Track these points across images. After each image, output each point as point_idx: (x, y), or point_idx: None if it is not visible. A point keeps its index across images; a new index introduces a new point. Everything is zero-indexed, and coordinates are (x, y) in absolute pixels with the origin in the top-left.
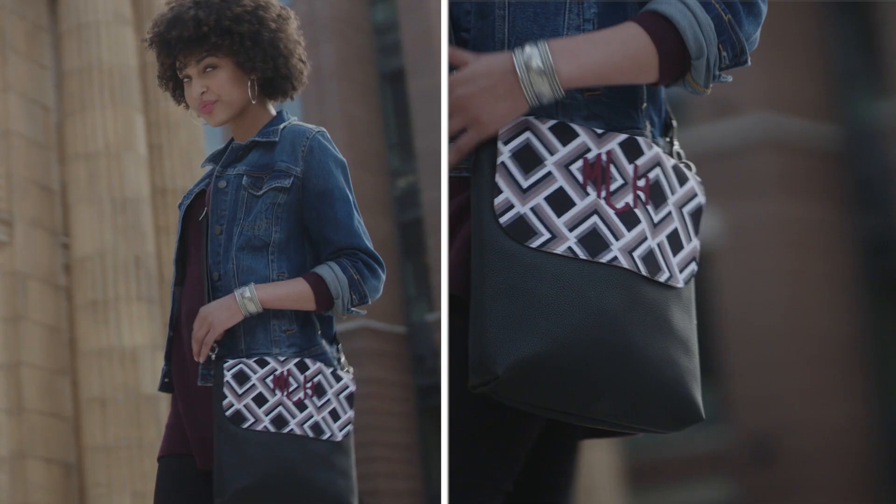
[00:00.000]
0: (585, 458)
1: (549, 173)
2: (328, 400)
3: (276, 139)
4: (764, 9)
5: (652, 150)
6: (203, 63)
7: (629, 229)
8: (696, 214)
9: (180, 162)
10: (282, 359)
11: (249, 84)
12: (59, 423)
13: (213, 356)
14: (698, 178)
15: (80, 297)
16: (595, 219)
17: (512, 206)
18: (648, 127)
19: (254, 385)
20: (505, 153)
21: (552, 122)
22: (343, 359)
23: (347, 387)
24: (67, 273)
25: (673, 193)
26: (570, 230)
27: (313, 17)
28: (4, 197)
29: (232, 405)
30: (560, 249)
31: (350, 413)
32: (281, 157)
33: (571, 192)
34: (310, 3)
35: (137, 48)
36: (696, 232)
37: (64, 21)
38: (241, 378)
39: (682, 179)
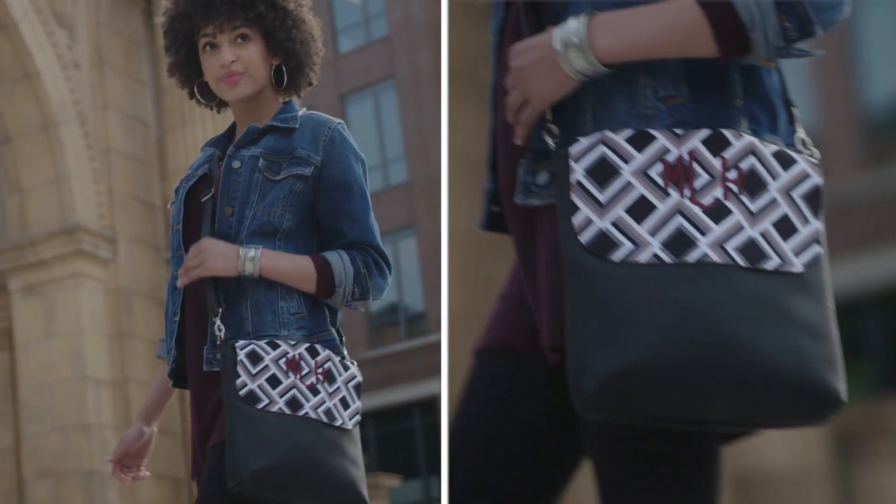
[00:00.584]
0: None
1: (628, 183)
2: (338, 387)
3: (296, 126)
4: None
5: (742, 141)
6: (236, 32)
7: (719, 223)
8: (812, 196)
9: None
10: (292, 342)
11: (273, 69)
12: (167, 439)
13: (222, 335)
14: (813, 160)
15: None
16: (679, 219)
17: (591, 223)
18: (745, 124)
19: (267, 366)
20: (578, 171)
21: (628, 132)
22: (345, 352)
23: (355, 376)
24: None
25: (775, 179)
26: (653, 235)
27: (409, 23)
28: (107, 214)
29: (245, 384)
30: (644, 258)
31: (358, 403)
32: (301, 144)
33: (652, 197)
34: (406, 9)
35: None
36: (815, 214)
37: (161, 36)
38: (255, 358)
39: (788, 163)
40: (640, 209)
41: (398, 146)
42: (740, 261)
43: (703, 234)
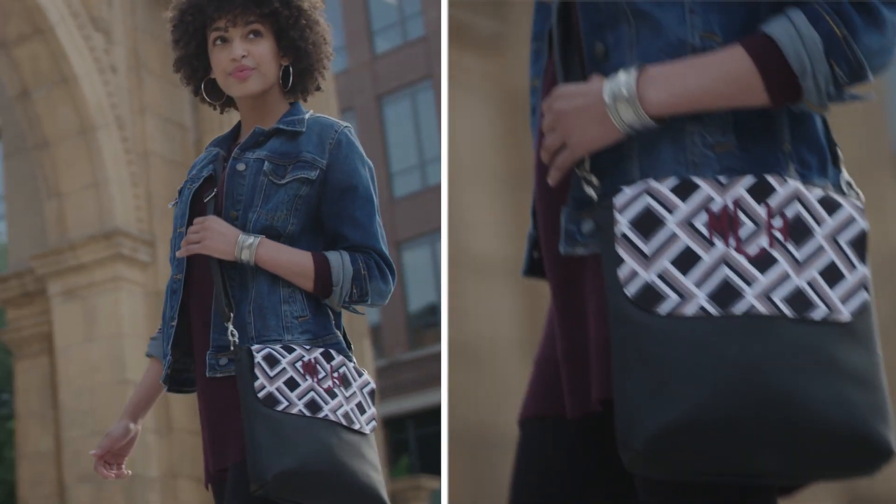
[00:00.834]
0: None
1: (673, 234)
2: (354, 392)
3: (303, 129)
4: (891, 17)
5: (787, 187)
6: (249, 27)
7: (765, 273)
8: (858, 241)
9: None
10: (307, 347)
11: (282, 70)
12: None
13: (236, 340)
14: (859, 203)
15: None
16: (724, 271)
17: (636, 275)
18: (793, 168)
19: (284, 369)
20: (623, 223)
21: (673, 181)
22: (355, 360)
23: (368, 382)
24: None
25: (820, 225)
26: (699, 287)
27: None
28: (145, 218)
29: (264, 387)
30: (690, 311)
31: (373, 409)
32: (307, 147)
33: (697, 249)
34: (442, 8)
35: None
36: (862, 259)
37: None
38: (272, 361)
39: (833, 208)
40: (686, 260)
41: (435, 146)
42: (787, 311)
43: (749, 284)
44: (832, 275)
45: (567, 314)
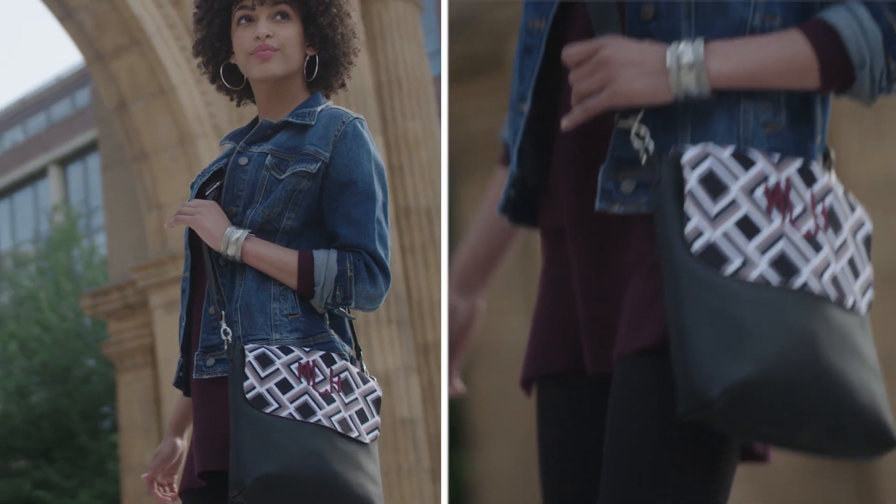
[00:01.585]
0: None
1: (735, 199)
2: (355, 399)
3: (312, 123)
4: None
5: (824, 177)
6: (277, 8)
7: (816, 254)
8: (867, 242)
9: (422, 181)
10: (307, 349)
11: (307, 60)
12: None
13: (229, 339)
14: (862, 206)
15: None
16: (783, 243)
17: (702, 233)
18: (821, 159)
19: (278, 370)
20: (692, 179)
21: (731, 149)
22: (365, 367)
23: (374, 390)
24: None
25: (846, 220)
26: (761, 255)
27: None
28: None
29: (254, 387)
30: (753, 276)
31: (377, 418)
32: (311, 140)
33: (758, 218)
34: None
35: (372, 68)
36: (869, 259)
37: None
38: (265, 361)
39: (853, 207)
40: (748, 227)
41: None
42: (830, 294)
43: (805, 261)
44: (853, 269)
45: (593, 268)
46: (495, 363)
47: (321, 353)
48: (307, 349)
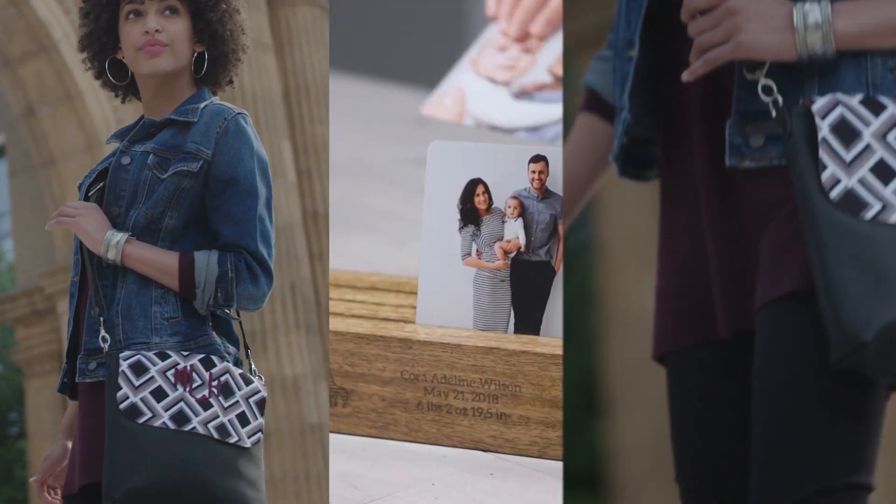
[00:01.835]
0: None
1: (869, 145)
2: (236, 402)
3: (195, 120)
4: None
5: None
6: (166, 3)
7: None
8: None
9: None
10: (185, 353)
11: (195, 56)
12: None
13: (106, 347)
14: None
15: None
16: None
17: (839, 181)
18: None
19: (153, 377)
20: (824, 128)
21: (860, 96)
22: (254, 366)
23: (258, 391)
24: None
25: None
26: None
27: None
28: None
29: (127, 397)
30: (893, 219)
31: (261, 420)
32: (194, 137)
33: (893, 162)
34: None
35: (280, 74)
36: None
37: None
38: (139, 369)
39: None
40: (884, 171)
41: None
42: None
43: None
44: None
45: (728, 219)
46: (630, 329)
47: (200, 356)
48: (186, 353)
